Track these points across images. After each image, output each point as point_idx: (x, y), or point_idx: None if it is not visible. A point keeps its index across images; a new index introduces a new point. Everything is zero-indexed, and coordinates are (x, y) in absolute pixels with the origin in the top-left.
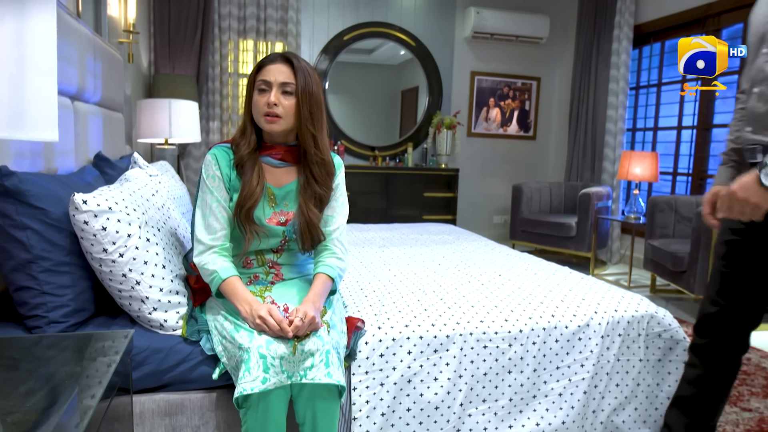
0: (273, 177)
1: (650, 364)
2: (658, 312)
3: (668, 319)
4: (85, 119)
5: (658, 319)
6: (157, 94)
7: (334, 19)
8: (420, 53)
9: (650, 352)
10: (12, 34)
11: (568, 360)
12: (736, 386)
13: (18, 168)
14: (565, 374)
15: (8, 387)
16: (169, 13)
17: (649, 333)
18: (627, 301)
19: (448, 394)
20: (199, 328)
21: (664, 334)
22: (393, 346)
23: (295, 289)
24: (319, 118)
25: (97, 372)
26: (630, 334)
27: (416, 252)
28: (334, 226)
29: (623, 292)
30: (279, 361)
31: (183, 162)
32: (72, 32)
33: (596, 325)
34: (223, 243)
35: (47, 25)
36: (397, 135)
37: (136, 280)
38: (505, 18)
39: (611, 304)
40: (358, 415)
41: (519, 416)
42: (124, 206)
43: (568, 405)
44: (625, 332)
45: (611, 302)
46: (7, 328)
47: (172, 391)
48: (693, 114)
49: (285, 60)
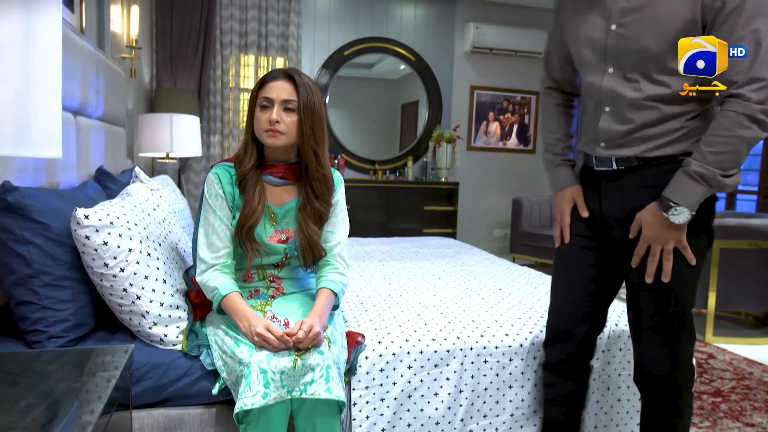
0: (273, 196)
1: None
2: None
3: None
4: (87, 134)
5: None
6: (158, 109)
7: (335, 35)
8: (420, 68)
9: None
10: (18, 53)
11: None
12: (738, 401)
13: (20, 183)
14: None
15: (8, 402)
16: (172, 28)
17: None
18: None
19: (449, 409)
20: (199, 343)
21: None
22: (393, 361)
23: (296, 303)
24: (320, 134)
25: (96, 387)
26: (630, 348)
27: (416, 266)
28: (335, 241)
29: (623, 306)
30: (280, 375)
31: (184, 176)
32: (75, 48)
33: (597, 340)
34: (226, 261)
35: (53, 45)
36: (397, 149)
37: (136, 295)
38: (504, 33)
39: (611, 318)
40: (358, 431)
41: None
42: (125, 221)
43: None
44: (626, 346)
45: (611, 316)
46: (8, 342)
47: (171, 406)
48: None
49: (287, 77)
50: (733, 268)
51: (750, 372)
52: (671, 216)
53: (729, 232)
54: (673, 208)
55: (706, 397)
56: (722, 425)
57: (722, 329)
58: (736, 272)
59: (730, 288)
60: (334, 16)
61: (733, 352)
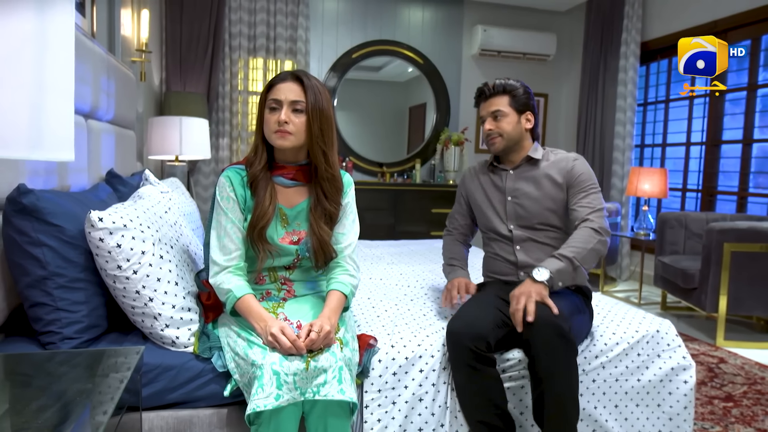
0: (284, 197)
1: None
2: (663, 328)
3: (675, 338)
4: (98, 137)
5: (667, 336)
6: (168, 112)
7: (343, 38)
8: (427, 70)
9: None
10: (32, 57)
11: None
12: (750, 406)
13: (32, 185)
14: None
15: (21, 403)
16: (181, 32)
17: (660, 354)
18: (638, 320)
19: (460, 412)
20: (210, 345)
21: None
22: (406, 365)
23: (308, 305)
24: (329, 135)
25: (109, 388)
26: (640, 353)
27: (426, 269)
28: (345, 243)
29: (635, 310)
30: (293, 377)
31: (193, 178)
32: (87, 52)
33: (614, 345)
34: (238, 263)
35: (66, 49)
36: (404, 151)
37: (149, 297)
38: (512, 36)
39: (622, 325)
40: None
41: None
42: (138, 224)
43: (583, 424)
44: (644, 351)
45: (631, 323)
46: (22, 343)
47: (181, 408)
48: (702, 130)
49: (295, 78)
50: (744, 271)
51: (762, 377)
52: (535, 273)
53: (740, 235)
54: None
55: (717, 401)
56: (734, 430)
57: (733, 333)
58: (747, 276)
59: (741, 292)
60: (342, 19)
61: (744, 356)
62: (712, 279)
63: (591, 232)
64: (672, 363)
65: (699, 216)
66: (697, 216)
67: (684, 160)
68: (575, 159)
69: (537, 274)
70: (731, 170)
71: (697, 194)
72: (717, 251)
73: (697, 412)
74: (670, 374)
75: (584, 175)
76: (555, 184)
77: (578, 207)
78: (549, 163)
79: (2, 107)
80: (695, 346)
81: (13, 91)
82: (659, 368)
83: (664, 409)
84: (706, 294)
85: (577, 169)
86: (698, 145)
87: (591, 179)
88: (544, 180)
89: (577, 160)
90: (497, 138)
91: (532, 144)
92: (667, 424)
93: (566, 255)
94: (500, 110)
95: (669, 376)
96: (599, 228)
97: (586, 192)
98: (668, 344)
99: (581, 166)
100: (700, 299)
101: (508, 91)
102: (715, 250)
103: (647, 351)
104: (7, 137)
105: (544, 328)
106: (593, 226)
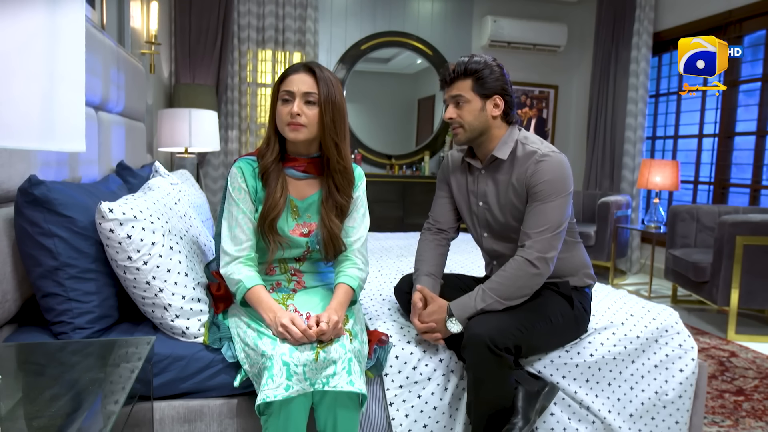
0: (295, 189)
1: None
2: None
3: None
4: (108, 129)
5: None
6: (177, 104)
7: (352, 29)
8: (437, 62)
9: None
10: (43, 49)
11: (594, 370)
12: (761, 400)
13: (44, 177)
14: (593, 388)
15: (34, 392)
16: (190, 24)
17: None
18: (653, 314)
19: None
20: (220, 336)
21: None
22: (424, 358)
23: (317, 297)
24: (341, 127)
25: (120, 378)
26: (651, 346)
27: None
28: (355, 236)
29: (647, 303)
30: (302, 368)
31: (202, 170)
32: (97, 44)
33: (628, 342)
34: (249, 253)
35: (76, 41)
36: (413, 143)
37: (159, 288)
38: (523, 26)
39: (633, 318)
40: (399, 430)
41: None
42: (148, 215)
43: (598, 419)
44: (642, 335)
45: (635, 314)
46: (35, 333)
47: (191, 397)
48: (714, 122)
49: (308, 70)
50: (756, 265)
51: None
52: (449, 325)
53: (753, 228)
54: (450, 321)
55: (728, 395)
56: (744, 424)
57: (745, 327)
58: (760, 269)
59: (753, 285)
60: (351, 11)
61: (756, 350)
62: (724, 272)
63: (524, 264)
64: (667, 350)
65: (711, 209)
66: (709, 209)
67: (696, 152)
68: (541, 159)
69: (451, 326)
70: (744, 162)
71: (709, 187)
72: (729, 244)
73: (707, 405)
74: (665, 361)
75: (545, 183)
76: (515, 192)
77: (526, 223)
78: (515, 163)
79: (14, 98)
80: (706, 339)
81: (24, 82)
82: (654, 353)
83: (660, 397)
84: (718, 287)
85: (537, 176)
86: (711, 137)
87: (553, 187)
88: (507, 186)
89: (542, 161)
90: (458, 129)
91: (506, 131)
92: (661, 411)
93: (486, 300)
94: (461, 95)
95: (665, 363)
96: (535, 260)
97: (542, 201)
98: (666, 330)
99: (545, 169)
100: (711, 293)
101: (471, 73)
102: (727, 244)
103: (646, 335)
104: (19, 128)
105: (476, 347)
106: (529, 257)
